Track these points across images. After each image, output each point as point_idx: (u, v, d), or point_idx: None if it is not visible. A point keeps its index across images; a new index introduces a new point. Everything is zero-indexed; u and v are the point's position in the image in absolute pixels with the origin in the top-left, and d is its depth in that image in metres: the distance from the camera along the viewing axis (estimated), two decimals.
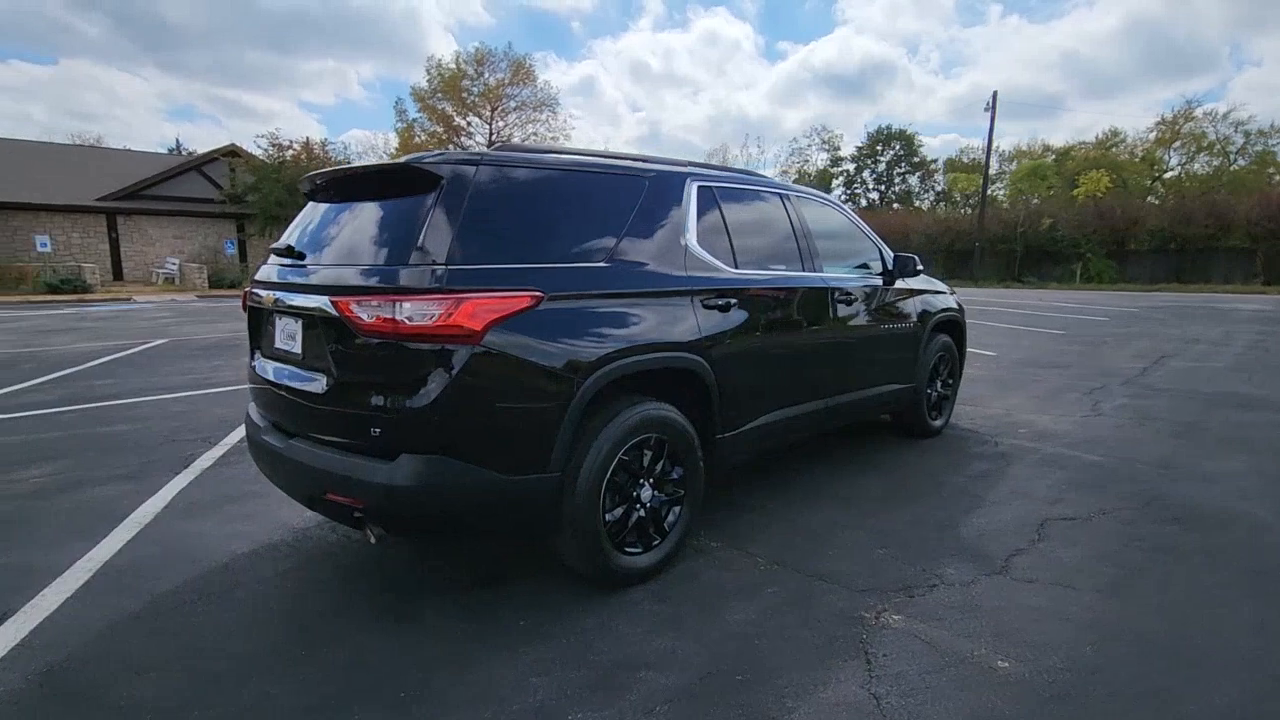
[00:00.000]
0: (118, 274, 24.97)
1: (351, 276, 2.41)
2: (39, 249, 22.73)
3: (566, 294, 2.54)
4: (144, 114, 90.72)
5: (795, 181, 53.36)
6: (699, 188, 3.29)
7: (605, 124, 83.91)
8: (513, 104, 35.09)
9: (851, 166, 58.09)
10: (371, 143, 40.82)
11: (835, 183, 56.99)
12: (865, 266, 4.40)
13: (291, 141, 25.90)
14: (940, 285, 5.26)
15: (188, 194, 26.15)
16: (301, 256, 2.75)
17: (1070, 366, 8.21)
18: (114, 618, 2.60)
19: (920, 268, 4.48)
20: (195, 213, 26.20)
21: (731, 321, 3.18)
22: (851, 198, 56.98)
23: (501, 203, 2.52)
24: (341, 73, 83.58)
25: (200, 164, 26.80)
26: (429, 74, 33.37)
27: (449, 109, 33.98)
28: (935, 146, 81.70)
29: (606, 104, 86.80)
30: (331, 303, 2.37)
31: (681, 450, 2.94)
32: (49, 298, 19.53)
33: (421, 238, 2.33)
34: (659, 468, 2.89)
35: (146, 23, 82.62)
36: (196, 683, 2.23)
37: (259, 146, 26.06)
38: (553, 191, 2.70)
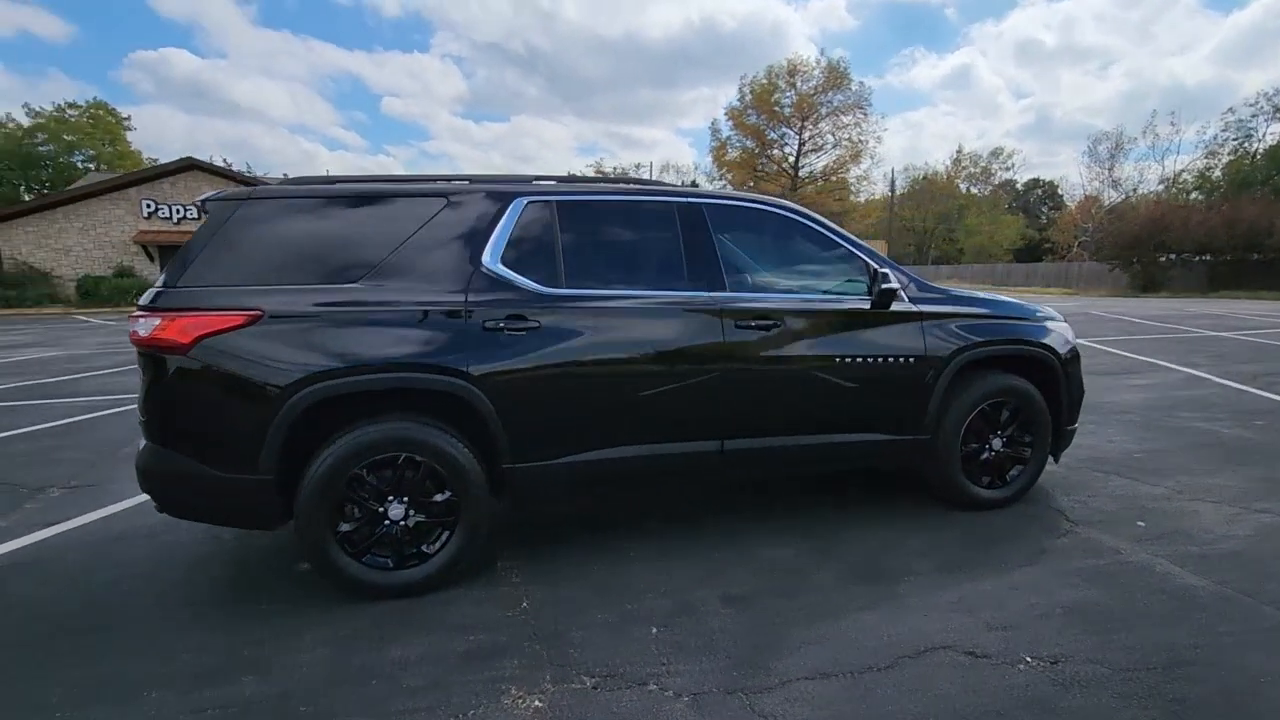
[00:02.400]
0: None
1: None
2: None
3: (294, 314, 2.75)
4: (562, 153, 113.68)
5: (1230, 164, 39.96)
6: (529, 204, 3.14)
7: (979, 116, 76.00)
8: (825, 110, 34.35)
9: None
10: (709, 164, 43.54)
11: None
12: (832, 285, 3.55)
13: (610, 169, 29.53)
14: (1015, 308, 3.90)
15: None
16: None
17: None
18: (85, 539, 3.63)
19: (890, 284, 3.40)
20: None
21: (532, 344, 2.98)
22: None
23: (250, 232, 2.84)
24: (712, 98, 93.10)
25: None
26: (740, 92, 34.65)
27: (761, 123, 34.78)
28: None
29: (983, 94, 78.60)
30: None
31: (449, 474, 2.89)
32: None
33: (171, 263, 2.81)
34: (416, 489, 2.89)
35: (569, 80, 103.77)
36: (50, 584, 3.05)
37: (592, 174, 30.30)
38: (310, 220, 2.92)
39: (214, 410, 2.72)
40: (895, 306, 3.53)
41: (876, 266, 3.47)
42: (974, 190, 62.33)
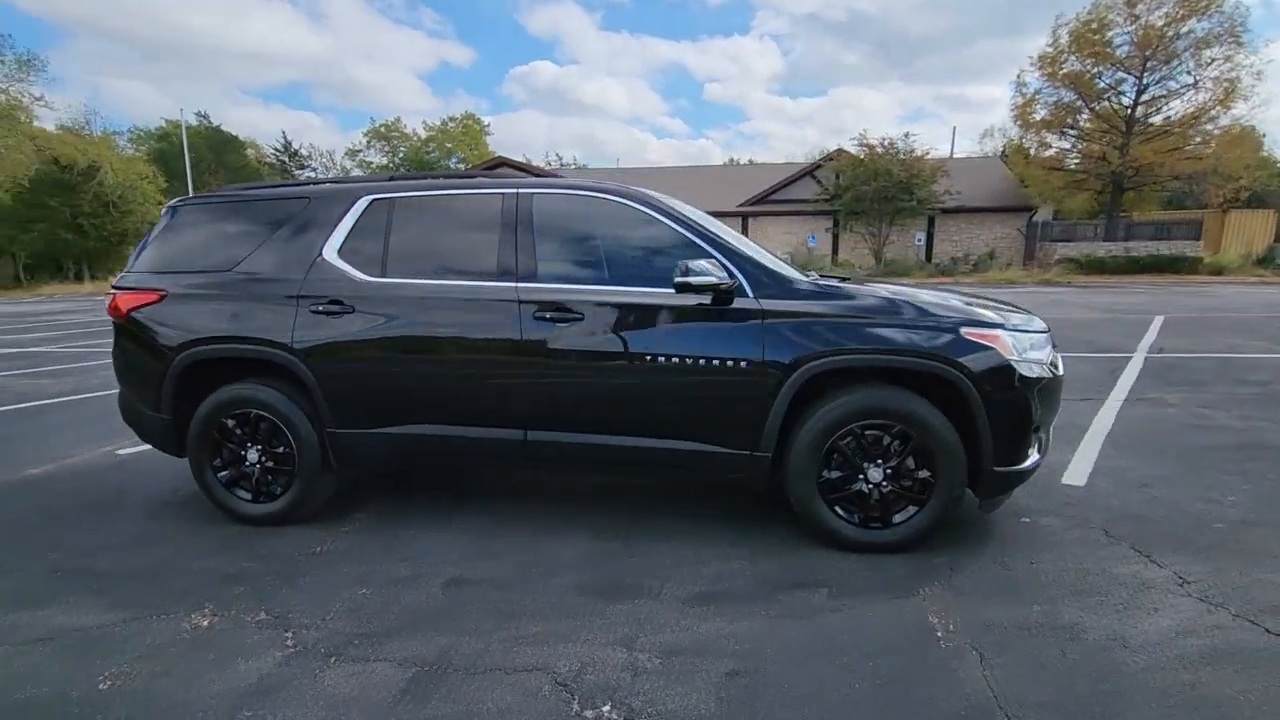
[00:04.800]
0: None
1: None
2: None
3: (185, 295, 3.58)
4: (884, 122, 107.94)
5: None
6: (371, 202, 3.52)
7: None
8: (1181, 45, 26.82)
9: None
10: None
11: None
12: (663, 278, 3.25)
13: (875, 141, 27.28)
14: (922, 311, 3.08)
15: (800, 196, 30.92)
16: None
17: None
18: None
19: (688, 278, 2.94)
20: (802, 212, 30.82)
21: (347, 326, 3.39)
22: None
23: (177, 230, 3.73)
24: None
25: (812, 169, 31.16)
26: (1054, 34, 28.68)
27: (1084, 69, 28.57)
28: None
29: None
30: None
31: (288, 431, 3.49)
32: None
33: (133, 254, 3.83)
34: (266, 440, 3.55)
35: (895, 42, 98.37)
36: (108, 478, 4.43)
37: (854, 147, 28.43)
38: (215, 220, 3.70)
39: (140, 363, 3.70)
40: (739, 303, 3.12)
41: (692, 259, 3.07)
42: None
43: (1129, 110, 28.53)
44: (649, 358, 3.16)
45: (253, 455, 3.57)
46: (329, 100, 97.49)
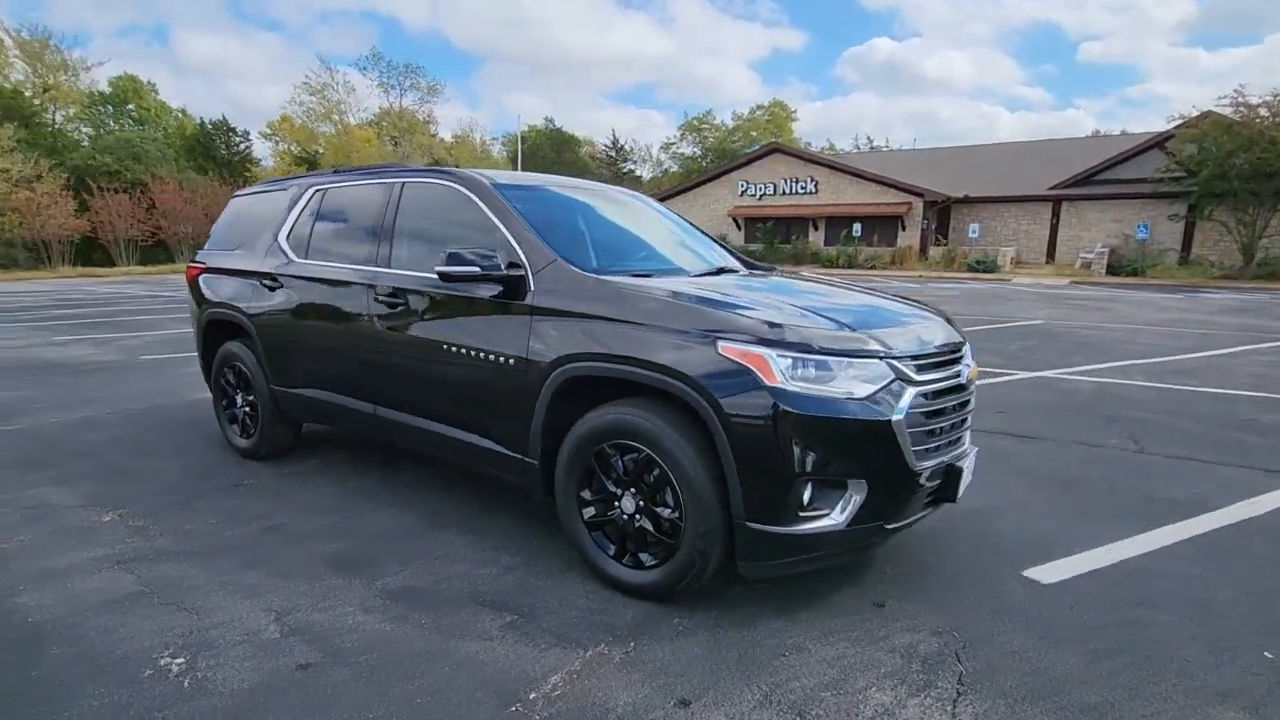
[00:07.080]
0: (1051, 256, 26.72)
1: None
2: (970, 235, 27.17)
3: (210, 268, 4.55)
4: None
5: None
6: (314, 192, 4.05)
7: None
8: None
9: None
10: None
11: None
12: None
13: (1259, 99, 20.30)
14: (687, 308, 2.52)
15: (1140, 175, 24.72)
16: None
17: None
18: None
19: (444, 266, 2.73)
20: (1138, 194, 24.57)
21: (276, 300, 4.01)
22: None
23: (225, 217, 4.72)
24: None
25: (1160, 140, 24.52)
26: None
27: None
28: None
29: None
30: None
31: (255, 383, 4.26)
32: (961, 275, 23.87)
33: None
34: (245, 390, 4.37)
35: None
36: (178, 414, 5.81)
37: (1227, 107, 21.63)
38: (243, 207, 4.60)
39: (194, 318, 4.80)
40: (536, 299, 2.89)
41: (490, 247, 2.94)
42: None
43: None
44: (444, 346, 3.14)
45: (240, 400, 4.42)
46: (670, 97, 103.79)
